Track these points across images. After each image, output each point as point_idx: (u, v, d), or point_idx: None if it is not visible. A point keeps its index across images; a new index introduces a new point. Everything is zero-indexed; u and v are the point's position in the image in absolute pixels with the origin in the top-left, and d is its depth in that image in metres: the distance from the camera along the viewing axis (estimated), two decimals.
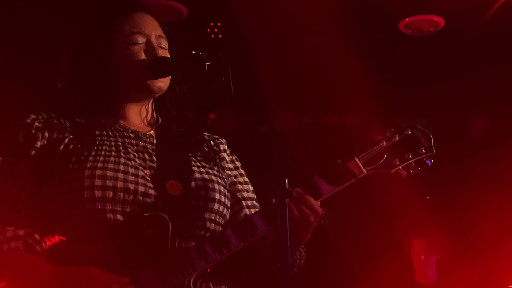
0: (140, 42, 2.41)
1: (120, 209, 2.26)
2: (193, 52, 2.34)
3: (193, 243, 2.31)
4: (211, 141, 2.61)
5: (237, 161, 2.65)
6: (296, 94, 5.93)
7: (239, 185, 2.58)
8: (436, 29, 5.39)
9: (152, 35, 2.45)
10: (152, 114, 2.54)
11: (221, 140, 2.65)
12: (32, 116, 2.38)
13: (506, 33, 5.41)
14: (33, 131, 2.34)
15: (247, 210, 2.54)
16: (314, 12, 4.97)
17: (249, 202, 2.56)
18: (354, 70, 5.21)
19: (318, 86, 5.62)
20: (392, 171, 2.43)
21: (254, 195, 2.61)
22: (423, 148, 2.44)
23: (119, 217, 2.25)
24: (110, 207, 2.25)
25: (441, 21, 5.30)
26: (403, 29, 5.40)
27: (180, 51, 2.54)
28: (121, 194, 2.26)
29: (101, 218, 2.24)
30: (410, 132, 2.44)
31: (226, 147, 2.64)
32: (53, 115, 2.40)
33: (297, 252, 2.46)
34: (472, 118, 6.46)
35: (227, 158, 2.61)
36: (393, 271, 5.81)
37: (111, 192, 2.25)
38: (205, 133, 2.63)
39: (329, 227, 5.75)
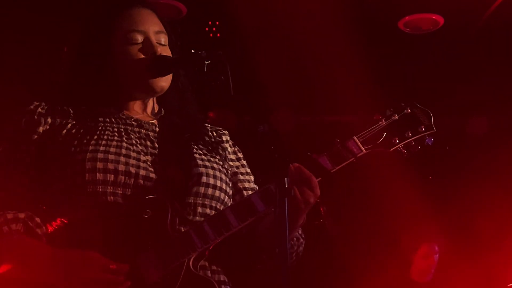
0: (138, 41, 2.40)
1: (121, 192, 2.26)
2: (193, 51, 2.33)
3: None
4: (214, 132, 2.62)
5: (239, 152, 2.66)
6: (296, 93, 5.93)
7: (240, 175, 2.58)
8: (435, 27, 5.39)
9: (150, 32, 2.43)
10: (154, 106, 2.54)
11: (224, 132, 2.66)
12: (35, 103, 2.39)
13: (506, 32, 5.41)
14: (35, 116, 2.35)
15: None
16: (313, 11, 4.96)
17: (250, 192, 2.55)
18: (353, 68, 5.21)
19: (317, 85, 5.62)
20: (391, 149, 2.42)
21: (255, 186, 2.61)
22: (423, 126, 2.43)
23: (120, 200, 2.26)
24: (111, 190, 2.25)
25: (440, 19, 5.30)
26: (403, 28, 5.40)
27: (181, 43, 2.53)
28: (122, 177, 2.26)
29: (102, 201, 2.25)
30: (409, 110, 2.43)
31: (228, 138, 2.65)
32: (55, 100, 2.42)
33: (294, 238, 2.45)
34: (472, 117, 6.46)
35: (229, 149, 2.61)
36: (390, 269, 5.81)
37: (112, 175, 2.25)
38: (207, 125, 2.63)
39: (328, 226, 5.75)
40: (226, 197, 2.45)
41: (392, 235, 6.14)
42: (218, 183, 2.41)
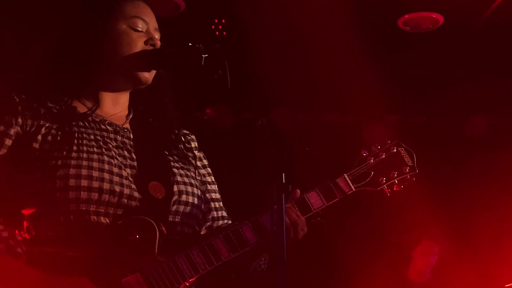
0: (140, 29, 2.37)
1: (103, 211, 2.22)
2: (190, 44, 2.30)
3: (177, 250, 2.26)
4: (183, 137, 2.57)
5: (205, 158, 2.62)
6: (294, 91, 5.92)
7: (208, 185, 2.57)
8: (435, 26, 5.37)
9: (151, 25, 2.41)
10: (127, 105, 2.48)
11: (192, 136, 2.61)
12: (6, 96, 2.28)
13: (506, 31, 5.40)
14: (5, 116, 2.24)
15: (215, 213, 2.55)
16: (314, 9, 4.95)
17: (217, 204, 2.56)
18: (352, 67, 5.20)
19: (316, 83, 5.61)
20: (378, 188, 2.53)
21: (219, 196, 2.60)
22: (407, 168, 2.53)
23: (103, 219, 2.22)
24: (94, 209, 2.20)
25: (440, 18, 5.28)
26: (402, 26, 5.39)
27: (170, 46, 2.48)
28: (107, 196, 2.21)
29: (84, 220, 2.20)
30: (395, 150, 2.54)
31: (196, 144, 2.61)
32: (23, 96, 2.29)
33: (263, 258, 2.48)
34: (470, 117, 6.45)
35: (197, 155, 2.58)
36: (388, 269, 5.81)
37: (97, 194, 2.20)
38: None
39: (325, 225, 5.73)
40: (200, 213, 2.45)
41: (391, 235, 6.14)
42: (196, 201, 2.40)
